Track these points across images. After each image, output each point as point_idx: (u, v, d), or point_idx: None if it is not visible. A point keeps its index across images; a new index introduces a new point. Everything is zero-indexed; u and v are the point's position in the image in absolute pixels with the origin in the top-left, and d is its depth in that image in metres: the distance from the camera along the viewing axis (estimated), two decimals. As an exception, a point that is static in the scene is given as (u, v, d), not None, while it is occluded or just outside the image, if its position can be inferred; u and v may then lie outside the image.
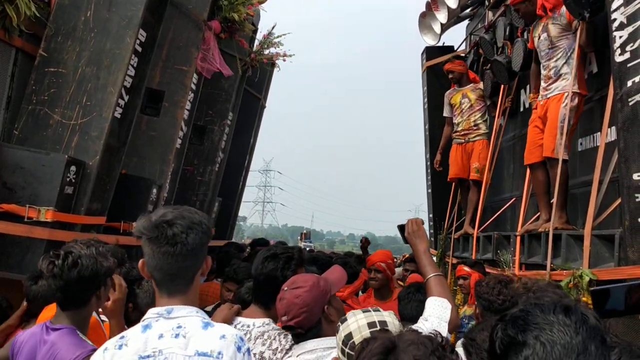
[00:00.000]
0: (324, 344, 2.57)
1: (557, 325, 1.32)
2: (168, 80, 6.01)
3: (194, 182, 7.33)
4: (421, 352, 1.67)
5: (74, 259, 2.46)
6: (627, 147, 3.93)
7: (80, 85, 4.75)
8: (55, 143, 4.61)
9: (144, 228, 1.98)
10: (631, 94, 3.89)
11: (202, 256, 2.03)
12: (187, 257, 1.96)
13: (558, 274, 4.63)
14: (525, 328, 1.35)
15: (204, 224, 2.01)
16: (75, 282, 2.44)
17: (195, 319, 1.96)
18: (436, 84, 10.37)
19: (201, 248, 2.00)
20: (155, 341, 1.89)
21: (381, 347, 1.69)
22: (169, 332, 1.90)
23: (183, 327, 1.91)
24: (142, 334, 1.92)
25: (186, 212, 2.01)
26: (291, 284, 2.62)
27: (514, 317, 1.38)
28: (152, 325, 1.94)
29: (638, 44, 3.86)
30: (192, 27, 6.06)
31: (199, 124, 7.35)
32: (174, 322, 1.93)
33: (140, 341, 1.90)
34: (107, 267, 2.54)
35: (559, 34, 5.26)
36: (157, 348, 1.87)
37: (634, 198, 3.80)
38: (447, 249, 9.05)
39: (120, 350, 1.91)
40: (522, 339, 1.33)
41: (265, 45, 7.94)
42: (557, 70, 5.25)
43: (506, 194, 7.76)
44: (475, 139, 7.78)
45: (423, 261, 2.73)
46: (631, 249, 3.83)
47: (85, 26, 4.84)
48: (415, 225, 2.84)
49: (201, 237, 1.98)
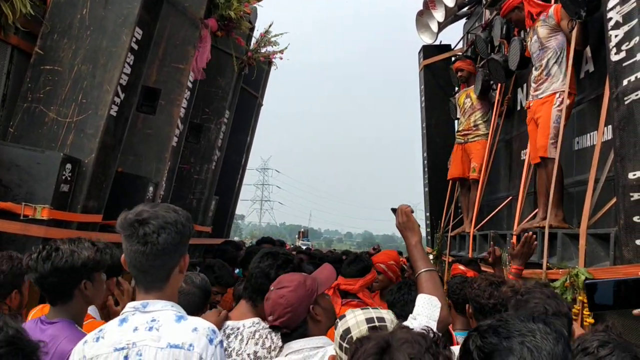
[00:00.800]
0: (310, 344, 2.56)
1: (539, 332, 1.34)
2: (164, 78, 5.99)
3: (190, 180, 7.33)
4: (416, 350, 1.67)
5: (48, 251, 2.47)
6: (622, 145, 3.93)
7: (76, 83, 4.73)
8: (51, 141, 4.59)
9: (119, 225, 2.02)
10: (627, 93, 3.89)
11: (177, 254, 2.05)
12: (158, 256, 1.98)
13: (554, 272, 4.64)
14: (509, 335, 1.35)
15: (179, 224, 2.02)
16: (50, 274, 2.44)
17: (170, 312, 2.00)
18: (433, 83, 10.38)
19: (175, 247, 2.01)
20: (130, 334, 1.94)
21: (375, 347, 1.69)
22: (144, 325, 1.95)
23: (157, 321, 1.96)
24: (119, 327, 1.98)
25: (163, 210, 2.02)
26: (277, 283, 2.61)
27: (493, 326, 1.39)
28: (128, 318, 1.99)
29: (633, 43, 3.87)
30: (188, 25, 6.05)
31: (196, 122, 7.35)
32: (148, 315, 1.97)
33: (116, 334, 1.96)
34: (84, 258, 2.51)
35: (547, 35, 5.31)
36: (132, 340, 1.92)
37: (629, 197, 3.81)
38: (444, 247, 9.06)
39: (97, 342, 1.97)
40: (507, 345, 1.34)
41: (262, 43, 7.92)
42: (548, 70, 5.29)
43: (502, 193, 7.77)
44: (474, 139, 7.80)
45: (414, 255, 2.57)
46: (626, 248, 3.83)
47: (81, 24, 4.83)
48: (405, 216, 2.66)
49: (174, 236, 1.99)
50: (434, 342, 1.69)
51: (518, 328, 1.35)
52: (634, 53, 3.87)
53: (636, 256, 3.73)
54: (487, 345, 1.36)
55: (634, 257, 3.76)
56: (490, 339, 1.37)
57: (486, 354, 1.36)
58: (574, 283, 4.20)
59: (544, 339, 1.33)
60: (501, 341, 1.35)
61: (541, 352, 1.31)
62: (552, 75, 5.25)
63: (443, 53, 10.44)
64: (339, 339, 2.24)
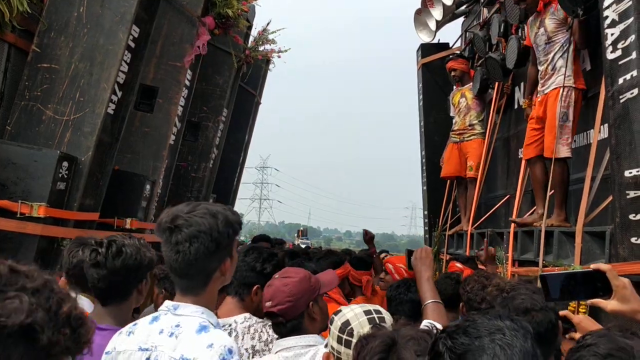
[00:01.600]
0: (302, 342, 2.57)
1: (508, 330, 1.34)
2: (162, 77, 6.00)
3: (188, 179, 7.33)
4: (422, 347, 1.68)
5: (118, 247, 2.34)
6: (618, 144, 3.94)
7: (73, 81, 4.74)
8: (48, 139, 4.60)
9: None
10: (622, 91, 3.89)
11: (214, 261, 1.95)
12: (191, 265, 1.91)
13: (550, 270, 4.65)
14: (478, 334, 1.35)
15: (214, 231, 1.90)
16: (119, 272, 2.32)
17: (196, 320, 1.90)
18: (431, 81, 10.38)
19: (210, 255, 1.91)
20: (156, 335, 1.90)
21: (382, 345, 1.70)
22: (168, 329, 1.90)
23: (180, 327, 1.89)
24: (150, 324, 1.95)
25: (199, 215, 1.91)
26: (282, 272, 2.64)
27: (461, 327, 1.39)
28: (160, 318, 1.96)
29: (629, 41, 3.87)
30: (186, 23, 6.05)
31: (193, 121, 7.35)
32: (175, 319, 1.92)
33: (145, 332, 1.94)
34: (149, 258, 2.42)
35: (555, 29, 5.25)
36: (155, 343, 1.89)
37: (625, 195, 3.81)
38: (442, 245, 9.07)
39: (128, 336, 1.97)
40: (478, 344, 1.34)
41: (259, 42, 7.93)
42: (553, 64, 5.25)
43: (500, 191, 7.77)
44: (470, 138, 7.80)
45: (424, 287, 2.83)
46: (622, 246, 3.84)
47: (78, 22, 4.84)
48: (424, 252, 2.98)
49: (208, 245, 1.89)
50: None
51: (487, 326, 1.35)
52: (630, 51, 3.86)
53: (632, 254, 3.74)
54: (458, 346, 1.35)
55: (629, 255, 3.76)
56: (461, 340, 1.36)
57: (458, 354, 1.35)
58: (570, 281, 4.21)
59: (513, 336, 1.32)
60: (472, 341, 1.34)
61: (513, 349, 1.30)
62: (557, 70, 5.21)
63: (441, 51, 10.44)
64: (338, 332, 2.24)
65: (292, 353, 2.56)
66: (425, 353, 1.64)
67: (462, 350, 1.34)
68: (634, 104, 3.79)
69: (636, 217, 3.71)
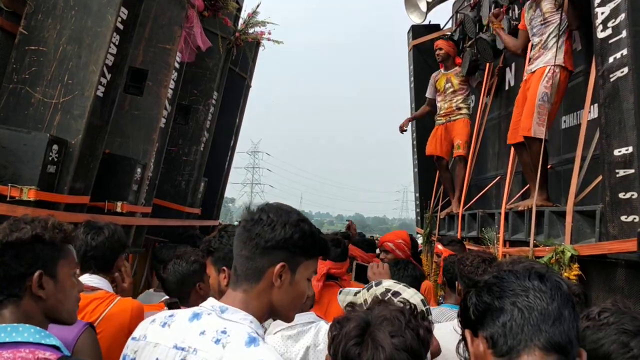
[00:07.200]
0: (302, 319, 2.58)
1: (532, 291, 1.35)
2: (151, 59, 5.95)
3: (179, 162, 7.30)
4: (396, 327, 1.69)
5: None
6: (608, 123, 3.96)
7: (62, 63, 4.69)
8: (37, 122, 4.56)
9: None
10: (612, 70, 3.91)
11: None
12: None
13: (541, 250, 4.68)
14: (501, 294, 1.36)
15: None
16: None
17: (245, 329, 1.73)
18: (422, 63, 10.36)
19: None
20: (196, 336, 1.74)
21: (356, 330, 1.71)
22: (212, 333, 1.72)
23: (227, 335, 1.71)
24: (189, 322, 1.79)
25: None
26: None
27: (488, 284, 1.40)
28: (201, 316, 1.79)
29: (619, 20, 3.87)
30: (175, 4, 5.99)
31: (184, 104, 7.30)
32: (222, 324, 1.74)
33: (183, 328, 1.78)
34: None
35: (551, 10, 5.25)
36: (194, 346, 1.72)
37: (615, 174, 3.84)
38: (434, 227, 9.12)
39: (163, 328, 1.82)
40: (499, 305, 1.36)
41: (249, 24, 7.87)
42: (545, 44, 5.25)
43: (491, 173, 7.81)
44: (456, 118, 7.82)
45: None
46: (611, 224, 3.87)
47: (65, 4, 4.77)
48: (382, 268, 3.07)
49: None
50: (413, 316, 1.71)
51: (512, 287, 1.36)
52: (620, 30, 3.87)
53: (621, 232, 3.78)
54: (481, 304, 1.38)
55: (619, 233, 3.80)
56: (485, 298, 1.38)
57: (480, 312, 1.38)
58: (560, 260, 4.25)
59: (537, 298, 1.33)
60: (494, 301, 1.36)
61: (532, 313, 1.32)
62: (548, 49, 5.21)
63: (432, 33, 10.41)
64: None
65: (295, 331, 2.58)
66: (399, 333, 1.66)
67: (484, 309, 1.37)
68: (623, 82, 3.80)
69: (626, 195, 3.74)
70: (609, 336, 1.69)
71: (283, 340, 2.69)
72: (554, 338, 1.30)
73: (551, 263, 4.30)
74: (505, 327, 1.33)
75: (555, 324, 1.31)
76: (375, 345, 1.65)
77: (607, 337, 1.69)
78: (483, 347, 1.36)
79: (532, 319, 1.32)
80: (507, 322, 1.33)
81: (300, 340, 2.69)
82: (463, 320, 1.45)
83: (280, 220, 1.78)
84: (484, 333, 1.37)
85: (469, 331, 1.43)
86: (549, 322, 1.31)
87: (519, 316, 1.32)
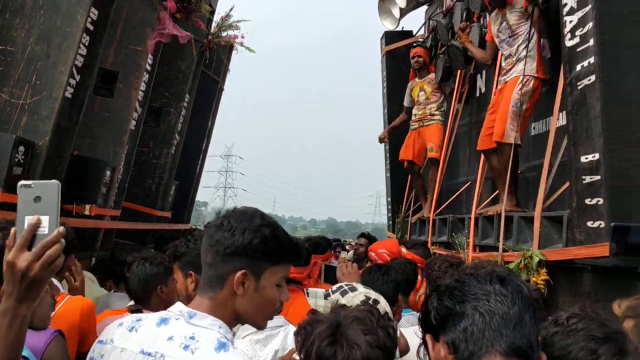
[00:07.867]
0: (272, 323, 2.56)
1: (494, 295, 1.34)
2: (122, 61, 5.90)
3: (149, 165, 7.24)
4: (368, 325, 1.70)
5: None
6: (575, 130, 4.01)
7: (30, 63, 4.62)
8: (3, 123, 4.48)
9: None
10: (580, 78, 3.96)
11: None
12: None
13: (510, 255, 4.73)
14: (463, 299, 1.35)
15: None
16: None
17: (214, 334, 1.69)
18: (396, 69, 10.40)
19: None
20: (163, 342, 1.69)
21: (328, 330, 1.71)
22: (181, 339, 1.68)
23: (196, 341, 1.67)
24: (157, 327, 1.74)
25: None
26: None
27: (450, 288, 1.39)
28: (169, 321, 1.74)
29: (587, 29, 3.93)
30: (146, 6, 5.95)
31: (155, 106, 7.24)
32: (190, 329, 1.70)
33: (151, 334, 1.73)
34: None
35: (517, 21, 5.32)
36: (161, 351, 1.67)
37: (582, 180, 3.89)
38: (405, 232, 9.15)
39: (130, 332, 1.76)
40: (460, 310, 1.34)
41: (222, 27, 7.84)
42: (517, 55, 5.31)
43: (462, 178, 7.86)
44: (430, 123, 7.87)
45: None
46: (578, 230, 3.92)
47: (34, 3, 4.70)
48: (351, 268, 3.28)
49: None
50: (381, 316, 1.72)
51: (473, 291, 1.34)
52: (587, 38, 3.93)
53: (587, 238, 3.83)
54: (442, 308, 1.37)
55: (585, 239, 3.85)
56: (446, 302, 1.37)
57: (441, 316, 1.37)
58: (529, 265, 4.30)
59: (498, 302, 1.32)
60: (455, 305, 1.35)
61: (493, 317, 1.30)
62: (520, 60, 5.27)
63: (405, 39, 10.47)
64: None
65: (264, 335, 2.56)
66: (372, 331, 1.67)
67: (445, 313, 1.36)
68: (591, 90, 3.86)
69: (592, 201, 3.80)
70: (578, 342, 1.69)
71: (251, 345, 2.67)
72: (515, 342, 1.30)
73: (520, 268, 4.34)
74: (467, 332, 1.31)
75: (517, 328, 1.31)
76: (350, 343, 1.65)
77: (575, 343, 1.69)
78: (444, 352, 1.35)
79: (494, 323, 1.31)
80: (468, 327, 1.32)
81: (268, 344, 2.67)
82: (424, 324, 1.43)
83: (240, 226, 1.74)
84: (445, 338, 1.35)
85: (430, 336, 1.40)
86: (510, 327, 1.30)
87: (480, 321, 1.31)
